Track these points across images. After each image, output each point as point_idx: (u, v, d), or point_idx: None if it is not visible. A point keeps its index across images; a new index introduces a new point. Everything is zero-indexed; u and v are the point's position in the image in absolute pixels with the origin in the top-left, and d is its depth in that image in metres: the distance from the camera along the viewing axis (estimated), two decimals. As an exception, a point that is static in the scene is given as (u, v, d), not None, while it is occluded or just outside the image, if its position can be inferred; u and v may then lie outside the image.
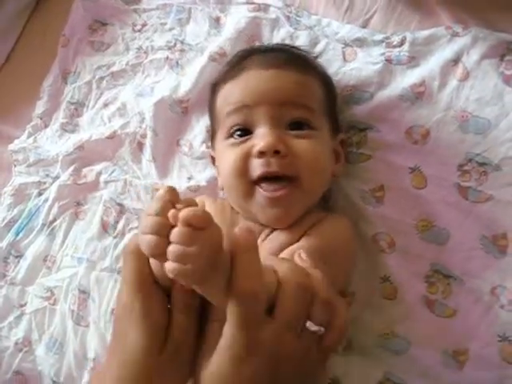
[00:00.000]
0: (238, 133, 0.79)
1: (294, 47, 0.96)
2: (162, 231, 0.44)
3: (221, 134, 0.83)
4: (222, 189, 0.89)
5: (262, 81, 0.80)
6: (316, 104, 0.82)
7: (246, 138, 0.78)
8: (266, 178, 0.75)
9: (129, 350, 0.53)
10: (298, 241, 0.75)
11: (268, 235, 0.79)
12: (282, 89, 0.79)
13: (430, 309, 0.84)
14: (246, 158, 0.76)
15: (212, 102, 0.90)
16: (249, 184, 0.76)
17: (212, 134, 0.93)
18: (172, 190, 0.48)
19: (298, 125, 0.78)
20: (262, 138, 0.75)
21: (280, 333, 0.50)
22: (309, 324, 0.53)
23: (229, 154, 0.78)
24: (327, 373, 0.79)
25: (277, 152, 0.73)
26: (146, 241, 0.46)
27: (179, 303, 0.54)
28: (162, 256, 0.44)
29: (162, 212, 0.45)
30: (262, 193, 0.75)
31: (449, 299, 0.83)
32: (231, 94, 0.83)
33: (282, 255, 0.70)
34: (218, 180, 0.91)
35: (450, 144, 0.87)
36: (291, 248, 0.72)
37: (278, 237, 0.78)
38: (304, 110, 0.79)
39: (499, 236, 0.82)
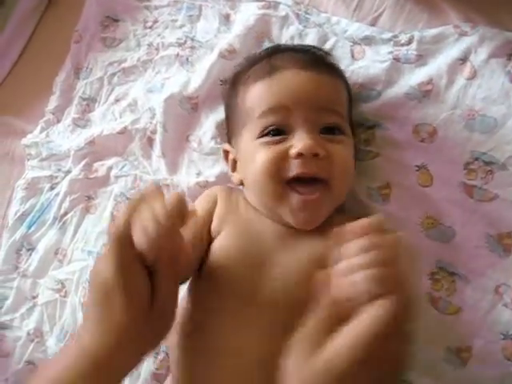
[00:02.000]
0: (272, 132, 0.79)
1: (321, 49, 0.95)
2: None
3: (250, 132, 0.82)
4: (239, 184, 0.89)
5: (302, 82, 0.80)
6: (345, 109, 0.84)
7: (281, 137, 0.78)
8: (298, 180, 0.75)
9: (115, 320, 0.57)
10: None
11: (296, 238, 0.78)
12: (321, 93, 0.80)
13: (434, 306, 0.84)
14: (281, 157, 0.76)
15: (234, 97, 0.89)
16: (281, 185, 0.76)
17: (230, 130, 0.92)
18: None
19: (330, 129, 0.79)
20: (301, 140, 0.75)
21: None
22: None
23: (262, 152, 0.77)
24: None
25: (315, 155, 0.74)
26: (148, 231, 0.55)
27: (166, 271, 0.60)
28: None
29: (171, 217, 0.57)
30: (297, 196, 0.75)
31: (453, 297, 0.84)
32: (267, 92, 0.81)
33: None
34: (233, 176, 0.91)
35: (456, 142, 0.87)
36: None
37: (310, 243, 0.77)
38: (337, 116, 0.80)
39: (504, 235, 0.83)
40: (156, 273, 0.60)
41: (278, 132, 0.78)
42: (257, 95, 0.83)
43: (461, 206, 0.86)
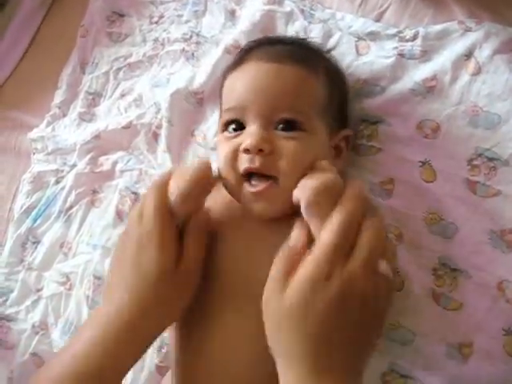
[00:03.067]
0: (233, 126, 0.80)
1: (305, 40, 0.96)
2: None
3: (219, 126, 0.85)
4: None
5: (259, 76, 0.80)
6: (312, 105, 0.80)
7: (237, 133, 0.79)
8: (253, 174, 0.76)
9: (144, 275, 0.67)
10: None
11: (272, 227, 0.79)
12: (277, 88, 0.78)
13: (436, 301, 0.84)
14: (235, 152, 0.76)
15: (220, 92, 0.91)
16: (238, 178, 0.76)
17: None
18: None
19: (288, 124, 0.78)
20: (249, 135, 0.75)
21: (357, 270, 0.58)
22: (382, 265, 0.60)
23: (222, 147, 0.79)
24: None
25: (261, 151, 0.74)
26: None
27: (194, 231, 0.72)
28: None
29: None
30: (247, 187, 0.75)
31: (455, 292, 0.84)
32: (231, 88, 0.83)
33: None
34: None
35: (460, 138, 0.87)
36: None
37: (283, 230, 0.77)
38: (296, 113, 0.78)
39: (507, 231, 0.82)
40: (185, 233, 0.71)
41: (238, 127, 0.80)
42: (225, 89, 0.86)
43: (464, 201, 0.86)
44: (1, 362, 1.08)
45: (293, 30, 1.04)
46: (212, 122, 1.06)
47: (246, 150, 0.74)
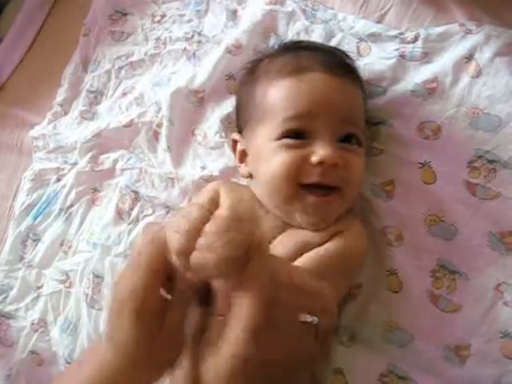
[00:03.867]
0: (294, 136, 0.79)
1: (342, 51, 0.95)
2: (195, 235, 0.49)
3: (269, 131, 0.82)
4: (247, 177, 0.91)
5: (329, 89, 0.80)
6: (363, 120, 0.85)
7: (302, 141, 0.78)
8: (315, 185, 0.77)
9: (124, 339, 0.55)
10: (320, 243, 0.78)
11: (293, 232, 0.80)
12: (345, 102, 0.80)
13: (434, 303, 0.84)
14: (301, 162, 0.76)
15: (252, 87, 0.88)
16: (295, 188, 0.77)
17: (243, 120, 0.92)
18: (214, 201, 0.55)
19: (348, 138, 0.80)
20: (323, 148, 0.76)
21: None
22: (302, 316, 0.54)
23: (282, 155, 0.78)
24: (329, 363, 0.80)
25: (334, 164, 0.75)
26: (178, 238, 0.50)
27: (181, 295, 0.57)
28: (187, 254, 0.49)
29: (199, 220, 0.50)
30: (312, 197, 0.77)
31: (453, 295, 0.84)
32: (294, 95, 0.81)
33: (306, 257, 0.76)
34: (241, 167, 0.91)
35: (460, 140, 0.87)
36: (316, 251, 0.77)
37: (303, 234, 0.80)
38: (357, 128, 0.82)
39: (506, 233, 0.83)
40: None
41: (298, 135, 0.79)
42: (282, 95, 0.82)
43: (464, 203, 0.86)
44: (0, 359, 1.08)
45: (294, 30, 1.05)
46: (212, 121, 1.06)
47: (320, 163, 0.75)
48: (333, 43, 1.00)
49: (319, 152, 0.75)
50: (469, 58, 0.90)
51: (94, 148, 1.14)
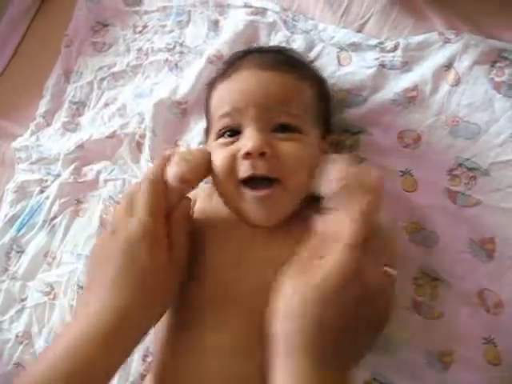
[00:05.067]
0: (228, 133, 0.80)
1: (290, 49, 0.96)
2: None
3: (212, 135, 0.84)
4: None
5: (254, 82, 0.80)
6: (306, 110, 0.82)
7: (234, 138, 0.78)
8: (252, 180, 0.75)
9: (136, 271, 0.65)
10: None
11: (266, 237, 0.79)
12: (273, 92, 0.79)
13: (416, 311, 0.85)
14: (233, 158, 0.76)
15: (207, 102, 0.90)
16: (237, 184, 0.76)
17: (207, 133, 0.92)
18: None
19: (284, 128, 0.78)
20: (248, 139, 0.75)
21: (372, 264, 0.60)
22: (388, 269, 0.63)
23: (218, 154, 0.78)
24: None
25: (262, 154, 0.73)
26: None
27: (181, 222, 0.72)
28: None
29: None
30: (250, 193, 0.75)
31: (435, 302, 0.84)
32: (223, 95, 0.83)
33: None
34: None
35: (440, 149, 0.88)
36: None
37: (278, 240, 0.78)
38: (292, 117, 0.79)
39: (486, 240, 0.83)
40: (171, 224, 0.71)
41: (232, 133, 0.79)
42: (217, 97, 0.84)
43: (444, 211, 0.86)
44: (-16, 372, 1.07)
45: (275, 40, 1.05)
46: (196, 132, 1.06)
47: (247, 155, 0.73)
48: (313, 53, 1.01)
49: (245, 143, 0.75)
50: (448, 66, 0.91)
51: (76, 159, 1.14)
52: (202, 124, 1.05)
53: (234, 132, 0.79)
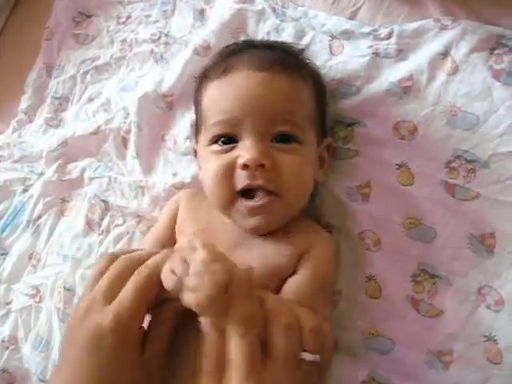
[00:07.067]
0: (223, 139, 0.78)
1: (285, 44, 0.92)
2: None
3: (204, 137, 0.81)
4: None
5: (252, 87, 0.77)
6: (305, 117, 0.80)
7: (230, 146, 0.77)
8: (248, 190, 0.75)
9: (105, 359, 0.56)
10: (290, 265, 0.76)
11: (253, 241, 0.78)
12: (272, 99, 0.76)
13: (415, 308, 0.83)
14: (229, 168, 0.74)
15: (198, 96, 0.88)
16: (231, 193, 0.75)
17: (196, 129, 0.90)
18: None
19: (284, 137, 0.77)
20: (247, 150, 0.73)
21: (280, 371, 0.53)
22: (304, 355, 0.56)
23: (212, 161, 0.77)
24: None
25: (261, 166, 0.72)
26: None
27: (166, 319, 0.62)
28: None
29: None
30: (244, 203, 0.74)
31: (434, 299, 0.82)
32: (217, 99, 0.80)
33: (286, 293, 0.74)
34: (200, 175, 0.90)
35: (437, 140, 0.85)
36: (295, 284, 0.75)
37: (264, 246, 0.78)
38: (292, 125, 0.77)
39: (487, 235, 0.81)
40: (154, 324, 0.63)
41: (228, 140, 0.77)
42: (210, 98, 0.82)
43: (442, 205, 0.84)
44: (-30, 378, 1.05)
45: (264, 29, 1.02)
46: (182, 125, 1.03)
47: (245, 166, 0.72)
48: (304, 42, 0.98)
49: (243, 154, 0.73)
50: (444, 54, 0.88)
51: (60, 157, 1.11)
52: (188, 116, 1.03)
53: (230, 139, 0.77)
